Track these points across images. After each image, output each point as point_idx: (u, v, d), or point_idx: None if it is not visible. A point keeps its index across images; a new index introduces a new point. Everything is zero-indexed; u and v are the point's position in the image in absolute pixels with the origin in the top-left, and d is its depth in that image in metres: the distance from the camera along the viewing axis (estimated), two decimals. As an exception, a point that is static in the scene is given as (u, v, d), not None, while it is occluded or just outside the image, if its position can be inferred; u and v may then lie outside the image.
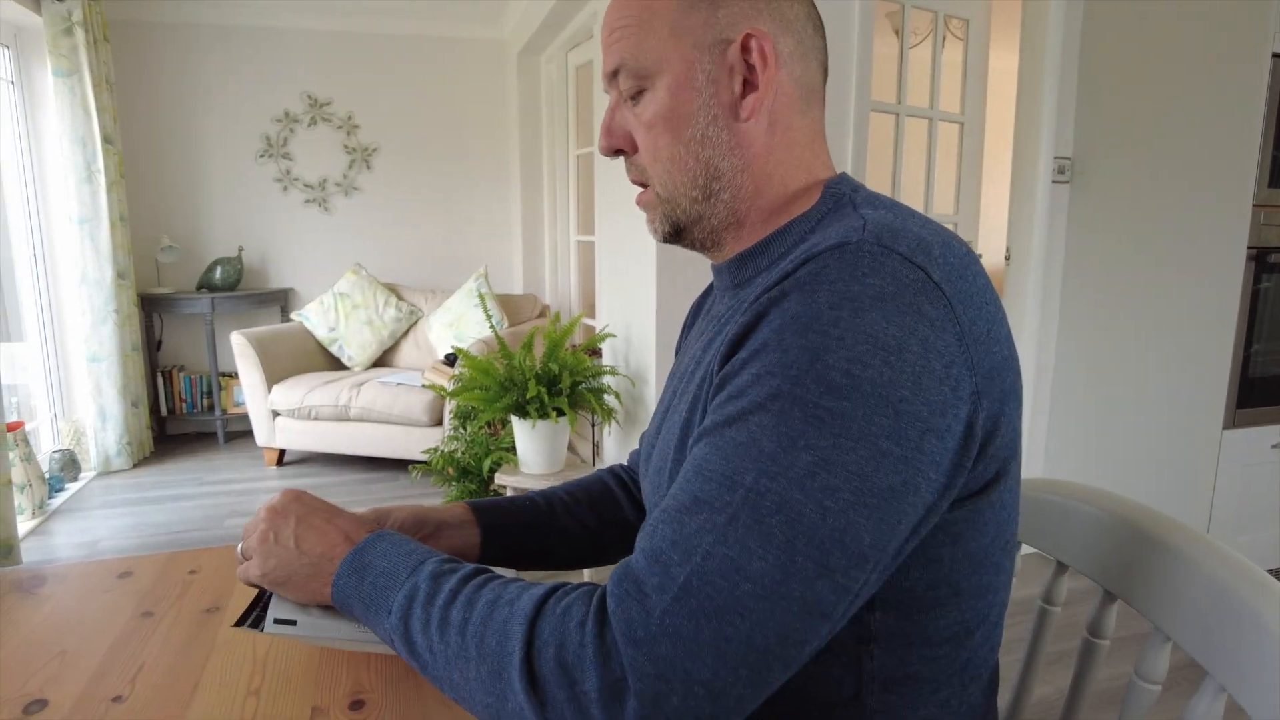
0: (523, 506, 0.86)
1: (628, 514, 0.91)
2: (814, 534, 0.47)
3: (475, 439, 2.72)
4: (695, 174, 0.65)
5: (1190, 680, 1.87)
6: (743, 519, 0.48)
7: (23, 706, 0.65)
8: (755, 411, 0.50)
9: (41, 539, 2.89)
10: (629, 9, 0.64)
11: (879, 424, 0.48)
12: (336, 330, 3.99)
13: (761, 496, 0.48)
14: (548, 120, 4.32)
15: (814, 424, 0.48)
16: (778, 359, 0.50)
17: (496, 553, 0.84)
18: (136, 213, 4.09)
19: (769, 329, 0.52)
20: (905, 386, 0.49)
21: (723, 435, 0.51)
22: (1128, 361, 2.55)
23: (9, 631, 0.78)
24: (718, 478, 0.50)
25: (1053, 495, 0.80)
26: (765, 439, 0.49)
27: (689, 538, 0.48)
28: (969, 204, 2.72)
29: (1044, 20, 2.38)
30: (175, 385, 4.22)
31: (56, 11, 3.30)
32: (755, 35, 0.62)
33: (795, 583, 0.47)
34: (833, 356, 0.48)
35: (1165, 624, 0.66)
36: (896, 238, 0.53)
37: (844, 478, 0.47)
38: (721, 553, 0.47)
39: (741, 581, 0.46)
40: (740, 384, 0.52)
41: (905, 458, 0.49)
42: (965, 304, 0.52)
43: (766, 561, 0.47)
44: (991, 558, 0.59)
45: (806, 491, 0.47)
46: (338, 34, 4.30)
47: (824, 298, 0.50)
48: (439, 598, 0.56)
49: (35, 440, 3.51)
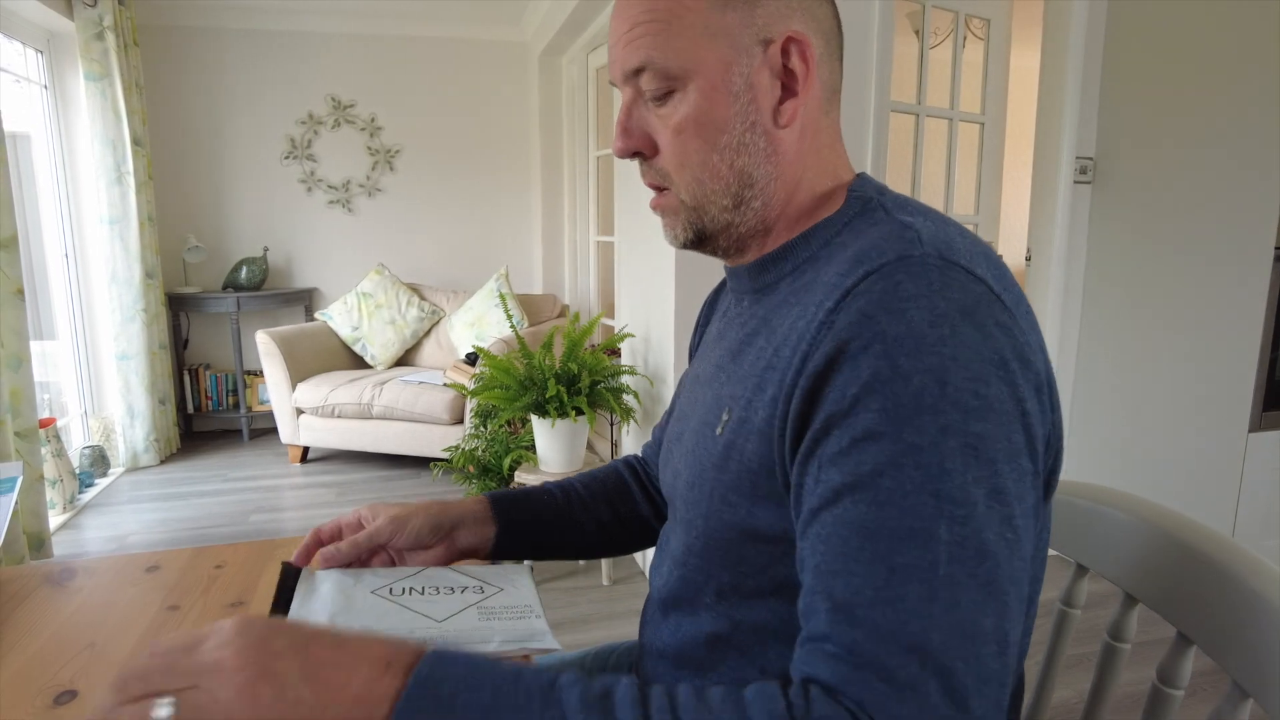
0: (539, 500, 0.87)
1: (641, 508, 0.91)
2: (1010, 569, 0.46)
3: (496, 437, 2.74)
4: (729, 182, 0.62)
5: (1213, 686, 1.84)
6: (958, 577, 0.45)
7: (54, 696, 0.67)
8: (909, 454, 0.46)
9: (72, 533, 2.95)
10: (654, 3, 0.60)
11: (1016, 442, 0.48)
12: (360, 329, 4.03)
13: (961, 547, 0.45)
14: (568, 121, 4.34)
15: (971, 454, 0.46)
16: (904, 388, 0.47)
17: (512, 547, 0.84)
18: (164, 213, 4.15)
19: (872, 356, 0.48)
20: (1024, 399, 0.48)
21: (879, 486, 0.47)
22: (1151, 363, 2.52)
23: (41, 623, 0.79)
24: (906, 535, 0.46)
25: (1074, 498, 0.80)
26: (936, 482, 0.46)
27: (914, 613, 0.44)
28: (989, 205, 2.70)
29: (1066, 19, 2.35)
30: (201, 383, 4.28)
31: (88, 17, 3.36)
32: (796, 38, 0.59)
33: (1012, 624, 0.46)
34: (956, 377, 0.47)
35: (1188, 628, 0.65)
36: (953, 250, 0.52)
37: (1011, 505, 0.47)
38: (955, 621, 0.44)
39: (980, 645, 0.44)
40: (866, 424, 0.48)
41: (1036, 472, 0.49)
42: (1022, 314, 0.53)
43: (990, 615, 0.45)
44: (1030, 570, 0.59)
45: (993, 528, 0.46)
46: (361, 37, 4.34)
47: (917, 315, 0.48)
48: None
49: (66, 436, 3.58)
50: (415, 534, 0.78)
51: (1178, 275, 2.48)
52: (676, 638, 0.69)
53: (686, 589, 0.68)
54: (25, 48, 3.37)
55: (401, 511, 0.78)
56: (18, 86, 3.37)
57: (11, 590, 0.87)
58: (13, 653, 0.74)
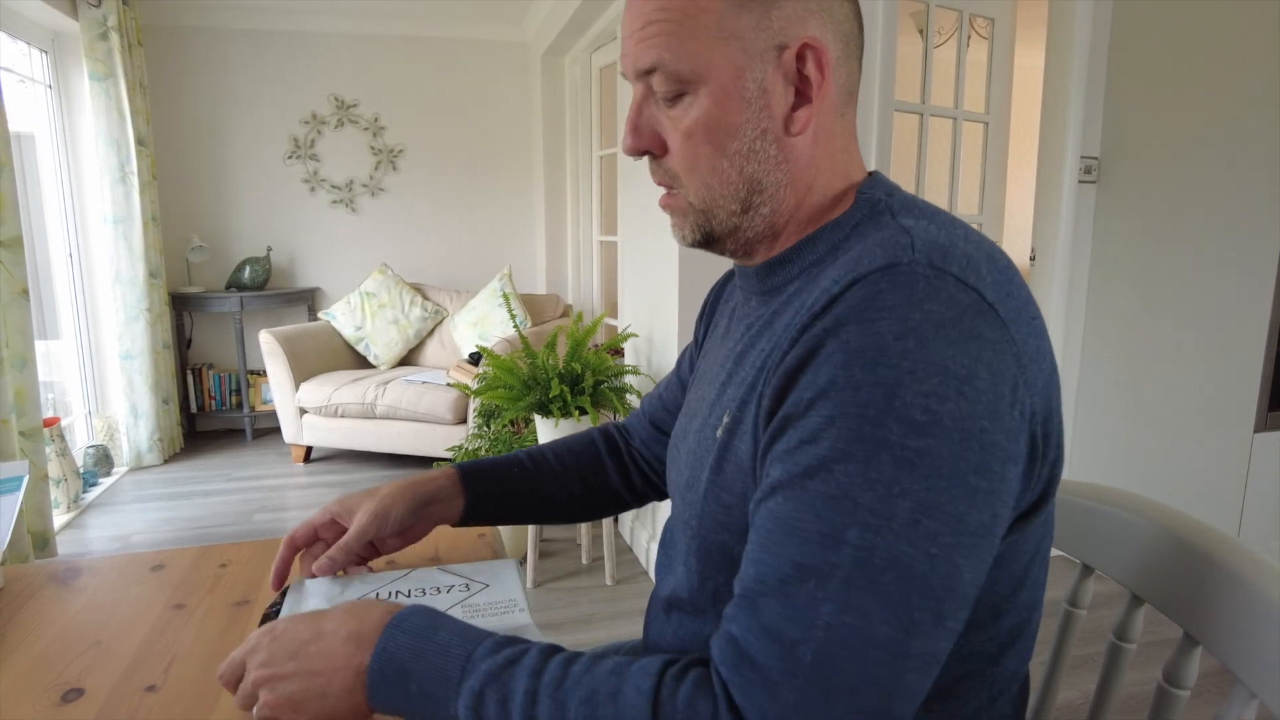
0: (508, 472, 0.88)
1: (612, 480, 0.92)
2: (926, 586, 0.46)
3: (499, 437, 2.74)
4: (737, 188, 0.61)
5: (1218, 687, 1.84)
6: (856, 582, 0.45)
7: (61, 694, 0.67)
8: (840, 460, 0.47)
9: (76, 532, 2.95)
10: (668, 1, 0.58)
11: (967, 460, 0.47)
12: (363, 329, 4.03)
13: (870, 554, 0.45)
14: (571, 121, 4.34)
15: (905, 468, 0.46)
16: (850, 398, 0.47)
17: (481, 517, 0.86)
18: (168, 213, 4.16)
19: (832, 364, 0.49)
20: (984, 417, 0.47)
21: (806, 489, 0.48)
22: (1156, 363, 2.52)
23: (47, 622, 0.80)
24: (817, 538, 0.47)
25: (1081, 498, 0.80)
26: (858, 490, 0.46)
27: (803, 610, 0.46)
28: (993, 204, 2.69)
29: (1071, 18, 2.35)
30: (204, 383, 4.29)
31: (92, 17, 3.36)
32: (812, 45, 0.58)
33: (917, 639, 0.46)
34: (908, 392, 0.46)
35: (1195, 629, 0.65)
36: (947, 257, 0.51)
37: (943, 521, 0.46)
38: (843, 622, 0.45)
39: (868, 649, 0.45)
40: (811, 427, 0.49)
41: (993, 490, 0.48)
42: (1017, 323, 0.51)
43: (889, 625, 0.45)
44: (1031, 574, 0.58)
45: (913, 542, 0.46)
46: (364, 37, 4.34)
47: (886, 327, 0.48)
48: (513, 701, 0.50)
49: (70, 436, 3.59)
50: (399, 522, 0.79)
51: (1183, 275, 2.47)
52: (678, 637, 0.69)
53: (687, 589, 0.68)
54: (30, 48, 3.37)
55: (380, 505, 0.79)
56: (22, 86, 3.38)
57: (17, 589, 0.87)
58: (19, 651, 0.74)
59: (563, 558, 2.68)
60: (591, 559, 2.64)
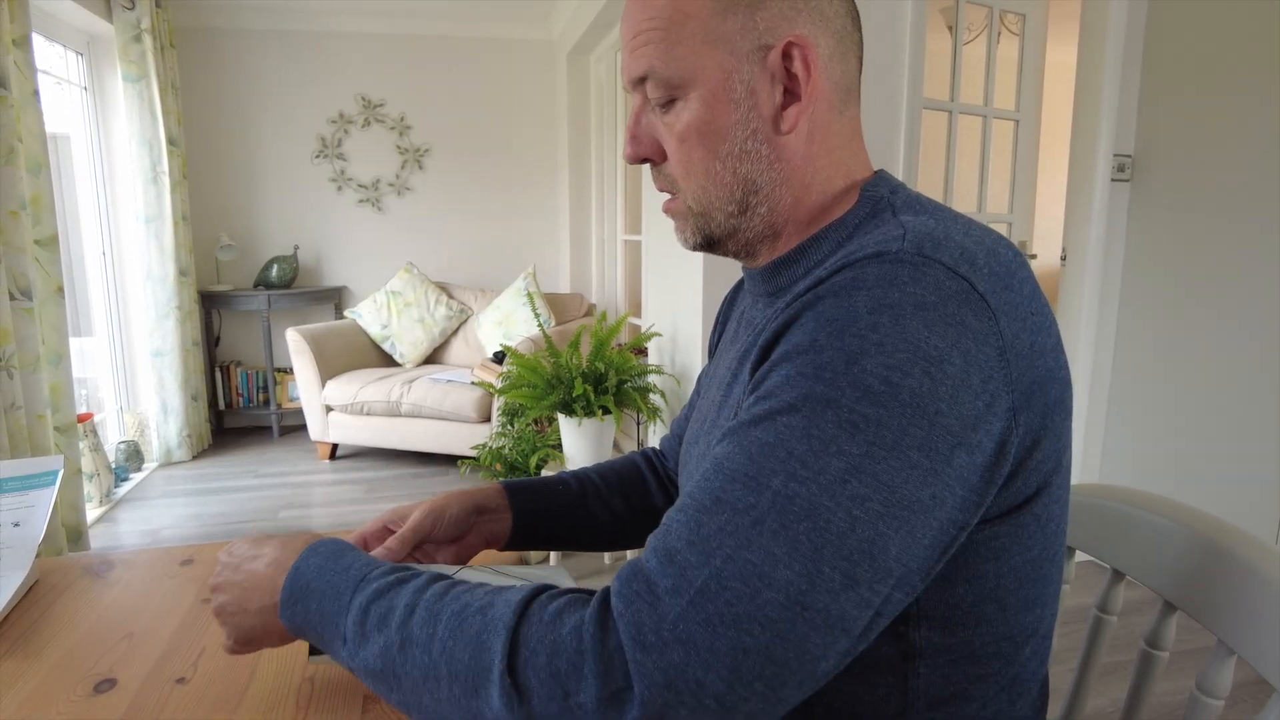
0: (554, 490, 0.87)
1: (656, 500, 0.92)
2: (842, 543, 0.45)
3: (522, 435, 2.75)
4: (732, 189, 0.62)
5: (1254, 698, 1.80)
6: (768, 523, 0.45)
7: (94, 685, 0.68)
8: (785, 412, 0.48)
9: (108, 526, 3.01)
10: (656, 9, 0.59)
11: (912, 435, 0.46)
12: (389, 328, 4.07)
13: (790, 501, 0.45)
14: (596, 120, 4.34)
15: (847, 429, 0.46)
16: (811, 360, 0.48)
17: (527, 536, 0.85)
18: (197, 212, 4.22)
19: (802, 332, 0.50)
20: (943, 399, 0.47)
21: (748, 434, 0.49)
22: (1191, 365, 2.47)
23: (81, 613, 0.81)
24: (742, 478, 0.47)
25: (1112, 501, 0.78)
26: (795, 441, 0.47)
27: (708, 539, 0.46)
28: (1023, 203, 2.66)
29: (1105, 14, 2.31)
30: (232, 380, 4.35)
31: (127, 20, 3.42)
32: (797, 43, 0.58)
33: (820, 594, 0.44)
34: (871, 362, 0.47)
35: (1231, 638, 0.63)
36: (938, 247, 0.51)
37: (874, 487, 0.45)
38: (744, 557, 0.44)
39: (764, 589, 0.44)
40: (771, 385, 0.50)
41: (935, 470, 0.47)
42: (1010, 316, 0.50)
43: (792, 570, 0.44)
44: (1038, 571, 0.57)
45: (836, 499, 0.45)
46: (391, 37, 4.38)
47: (862, 302, 0.48)
48: (394, 615, 0.52)
49: (103, 431, 3.66)
50: (454, 522, 0.79)
51: (1219, 275, 2.42)
52: None
53: None
54: (66, 50, 3.44)
55: (435, 502, 0.79)
56: (59, 88, 3.45)
57: (53, 581, 0.88)
58: (54, 642, 0.75)
59: (585, 557, 2.68)
60: (614, 558, 2.65)
